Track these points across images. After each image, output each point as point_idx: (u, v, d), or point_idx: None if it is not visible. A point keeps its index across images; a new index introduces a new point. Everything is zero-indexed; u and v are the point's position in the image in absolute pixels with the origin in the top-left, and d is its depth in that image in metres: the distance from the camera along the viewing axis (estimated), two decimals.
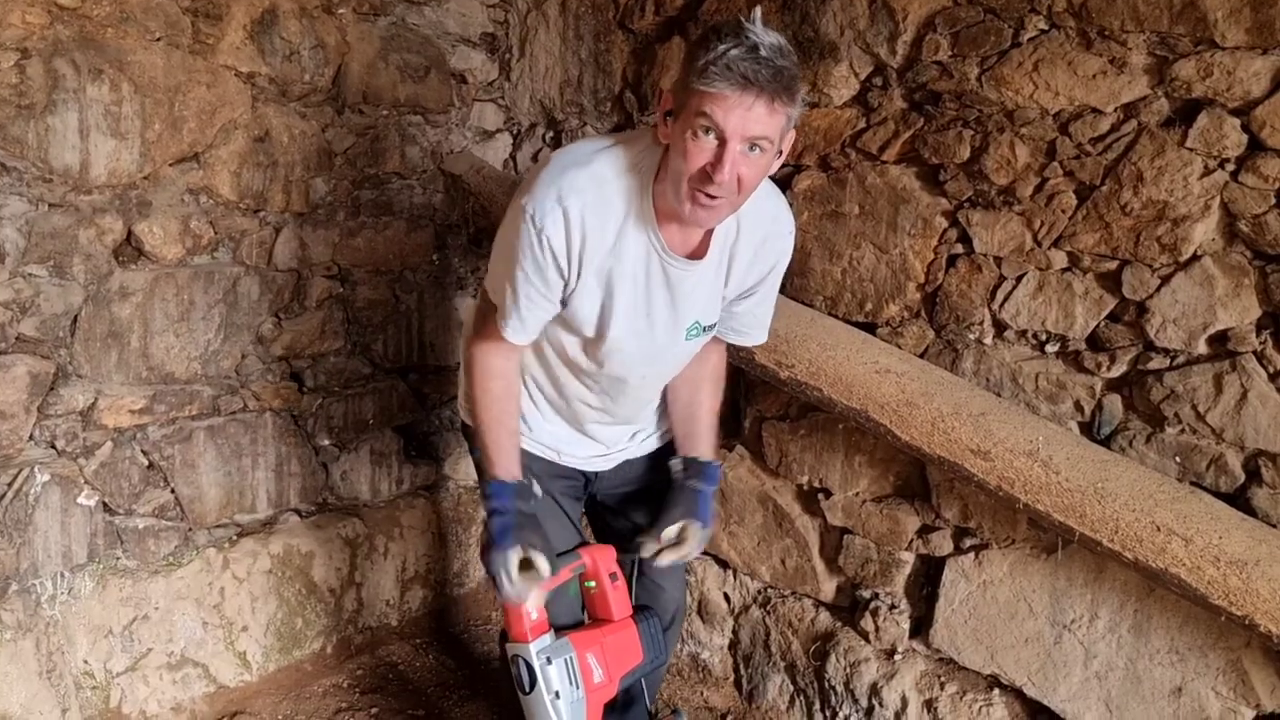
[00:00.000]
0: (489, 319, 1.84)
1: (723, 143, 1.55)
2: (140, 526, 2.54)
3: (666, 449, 2.15)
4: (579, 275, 1.73)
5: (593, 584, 1.98)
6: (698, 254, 1.78)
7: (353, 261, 2.88)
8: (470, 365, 1.89)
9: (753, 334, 2.06)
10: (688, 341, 1.90)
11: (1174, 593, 1.95)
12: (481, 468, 2.00)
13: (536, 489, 1.90)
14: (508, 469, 1.85)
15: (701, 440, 2.05)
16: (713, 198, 1.60)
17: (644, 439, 2.11)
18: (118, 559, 2.51)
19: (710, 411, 2.09)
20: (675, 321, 1.84)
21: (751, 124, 1.54)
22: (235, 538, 2.73)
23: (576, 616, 2.02)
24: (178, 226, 2.48)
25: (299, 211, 2.73)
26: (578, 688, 1.83)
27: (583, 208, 1.68)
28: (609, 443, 2.06)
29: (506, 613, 1.85)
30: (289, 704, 2.72)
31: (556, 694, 1.80)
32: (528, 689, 1.82)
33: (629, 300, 1.78)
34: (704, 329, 1.90)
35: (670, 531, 1.95)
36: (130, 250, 2.43)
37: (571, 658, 1.84)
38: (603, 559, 1.99)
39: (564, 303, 1.79)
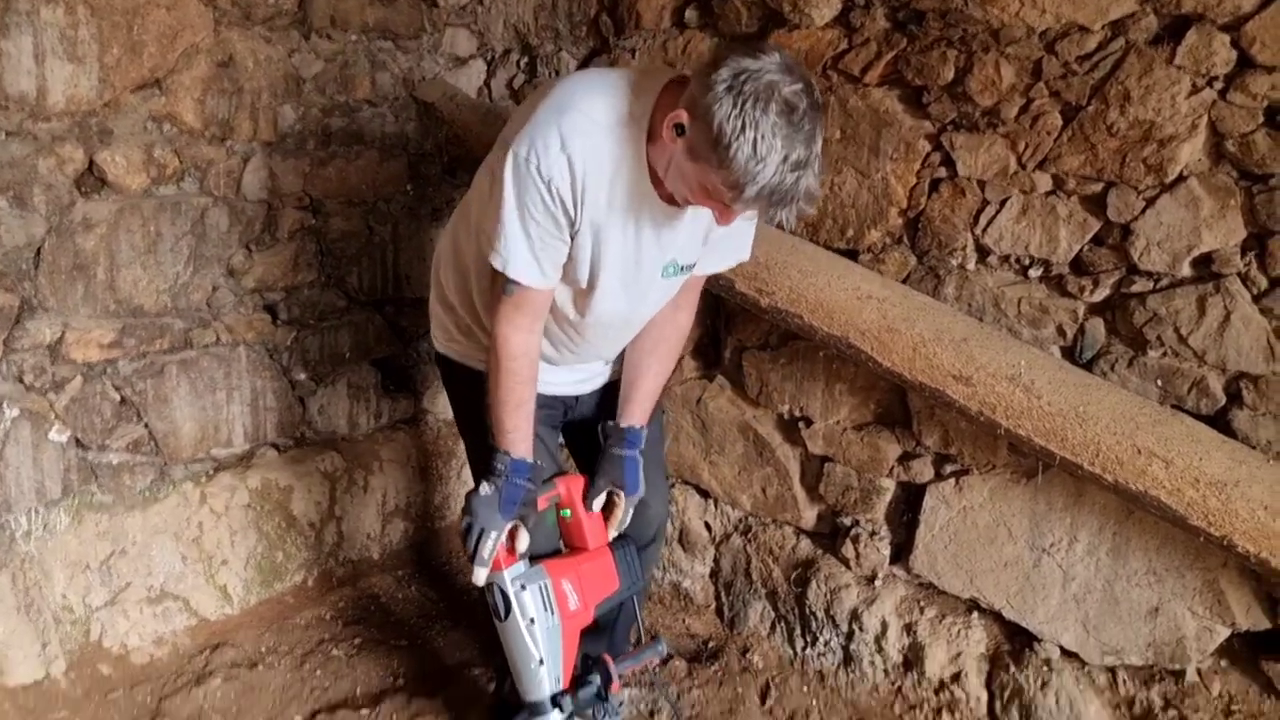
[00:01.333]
0: (501, 292, 1.77)
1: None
2: (114, 462, 2.51)
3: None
4: (580, 219, 1.69)
5: (568, 513, 1.98)
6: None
7: (324, 192, 2.81)
8: (494, 346, 1.81)
9: (733, 258, 2.03)
10: (664, 280, 1.87)
11: (1154, 515, 1.96)
12: (466, 412, 2.03)
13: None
14: (522, 446, 1.84)
15: (635, 408, 2.01)
16: None
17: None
18: (93, 494, 2.48)
19: (654, 380, 2.03)
20: (658, 264, 1.83)
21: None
22: (212, 472, 2.70)
23: (554, 545, 2.02)
24: (141, 155, 2.41)
25: (267, 140, 2.65)
26: (553, 614, 1.84)
27: (584, 154, 1.64)
28: (590, 372, 2.05)
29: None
30: (271, 636, 2.72)
31: (531, 620, 1.82)
32: (503, 616, 1.84)
33: (618, 249, 1.75)
34: (681, 268, 1.88)
35: (598, 501, 1.98)
36: (92, 180, 2.36)
37: (546, 584, 1.85)
38: (577, 488, 1.98)
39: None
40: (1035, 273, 2.23)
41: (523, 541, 1.86)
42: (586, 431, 2.10)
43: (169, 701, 2.45)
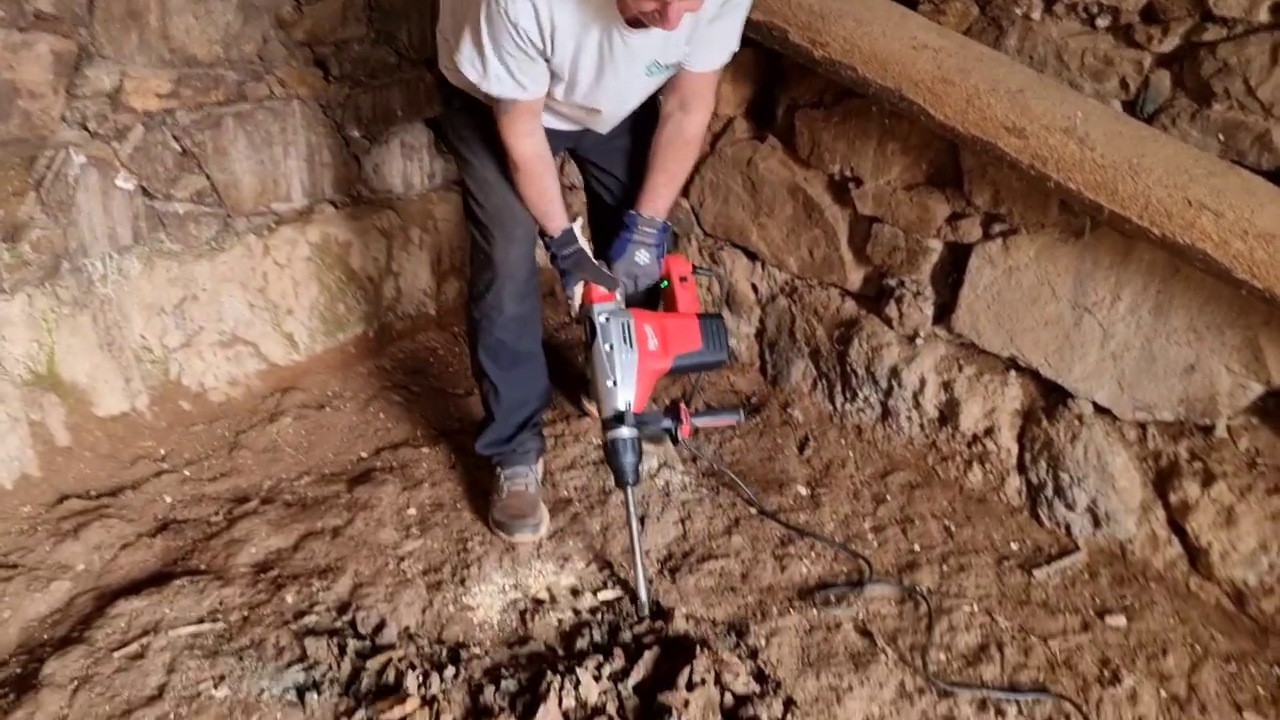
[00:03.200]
0: (499, 110, 1.97)
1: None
2: (180, 211, 2.60)
3: (649, 107, 2.23)
4: (551, 50, 1.86)
5: (666, 283, 2.26)
6: None
7: None
8: (508, 157, 2.05)
9: (723, 53, 2.07)
10: (649, 78, 2.01)
11: (1199, 269, 1.96)
12: (457, 137, 2.23)
13: (575, 228, 2.18)
14: (555, 224, 2.14)
15: (643, 197, 2.20)
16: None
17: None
18: (161, 242, 2.59)
19: (663, 176, 2.19)
20: (635, 70, 1.96)
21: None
22: (273, 225, 2.79)
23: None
24: None
25: None
26: (631, 347, 2.10)
27: (550, 2, 1.78)
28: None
29: (586, 286, 2.17)
30: (336, 382, 2.89)
31: (611, 346, 2.09)
32: (589, 341, 2.12)
33: (593, 67, 1.92)
34: (664, 66, 1.99)
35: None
36: None
37: (629, 322, 2.12)
38: (676, 265, 2.27)
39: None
40: (1103, 22, 2.13)
41: (613, 285, 2.18)
42: (590, 161, 2.36)
43: (245, 435, 2.64)
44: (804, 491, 2.51)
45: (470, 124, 2.15)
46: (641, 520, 2.33)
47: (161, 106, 2.48)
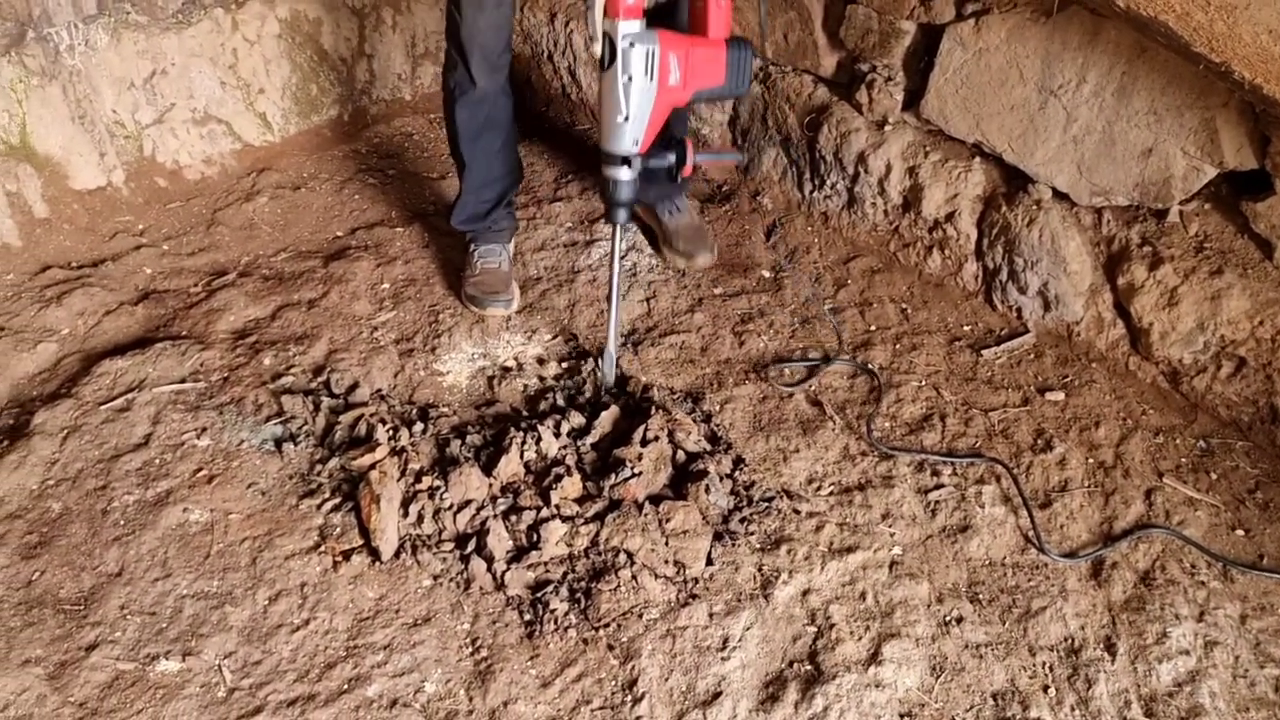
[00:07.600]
0: None
1: None
2: None
3: None
4: None
5: None
6: None
7: None
8: None
9: None
10: None
11: (1161, 44, 1.95)
12: None
13: None
14: None
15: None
16: None
17: None
18: (127, 13, 2.56)
19: None
20: None
21: None
22: (241, 0, 2.75)
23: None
24: None
25: None
26: (652, 79, 1.86)
27: None
28: None
29: None
30: (312, 164, 2.90)
31: (630, 78, 1.85)
32: (605, 66, 1.87)
33: None
34: None
35: None
36: None
37: (654, 50, 1.84)
38: None
39: None
40: None
41: None
42: None
43: (222, 213, 2.68)
44: (768, 275, 2.58)
45: None
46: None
47: None
